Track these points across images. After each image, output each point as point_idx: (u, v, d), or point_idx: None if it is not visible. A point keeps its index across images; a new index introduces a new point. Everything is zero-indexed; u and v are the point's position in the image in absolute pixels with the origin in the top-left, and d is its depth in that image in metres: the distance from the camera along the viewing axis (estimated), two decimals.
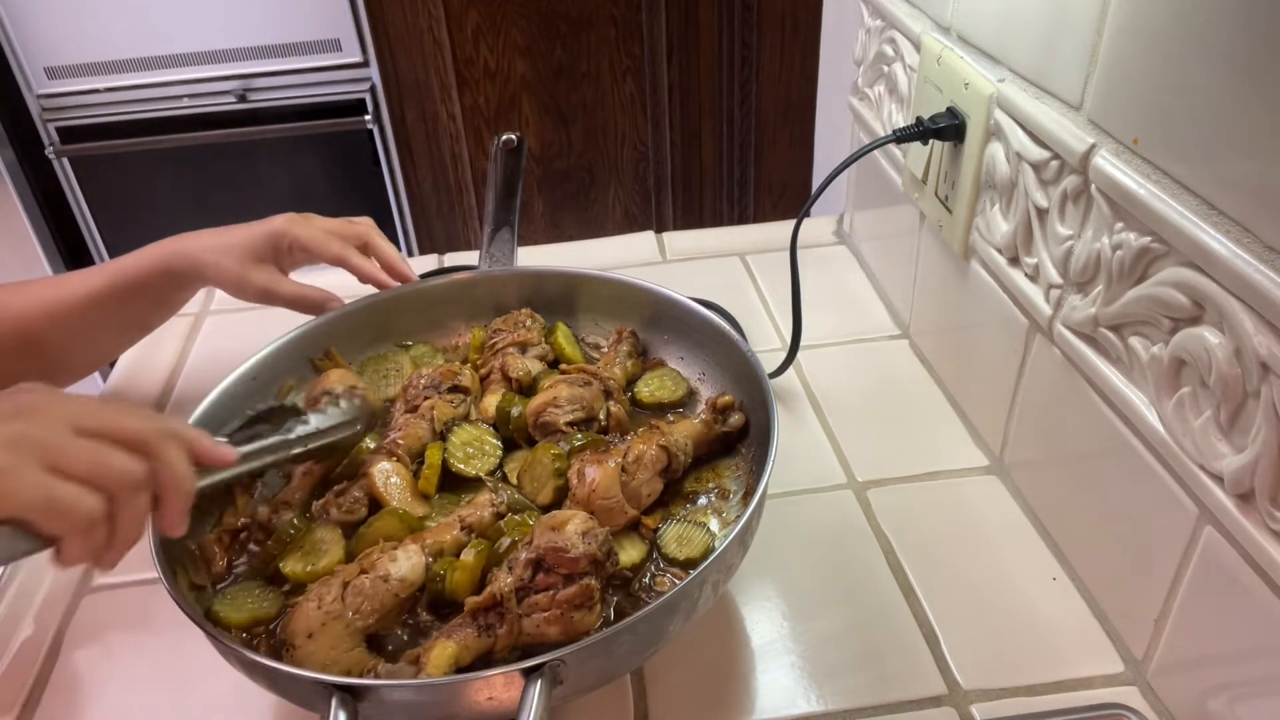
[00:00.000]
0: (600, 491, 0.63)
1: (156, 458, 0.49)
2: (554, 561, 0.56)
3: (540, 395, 0.71)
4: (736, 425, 0.71)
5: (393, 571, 0.57)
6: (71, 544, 0.46)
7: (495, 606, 0.55)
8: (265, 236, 0.79)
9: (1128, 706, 0.59)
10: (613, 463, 0.64)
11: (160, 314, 0.83)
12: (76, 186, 2.06)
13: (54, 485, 0.45)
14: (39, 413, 0.47)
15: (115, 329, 0.81)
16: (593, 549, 0.56)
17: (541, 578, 0.56)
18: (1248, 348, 0.47)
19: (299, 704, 0.55)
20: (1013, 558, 0.72)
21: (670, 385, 0.77)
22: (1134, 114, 0.55)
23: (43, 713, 0.64)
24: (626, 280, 0.81)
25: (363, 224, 0.84)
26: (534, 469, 0.67)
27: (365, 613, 0.56)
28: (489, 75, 2.11)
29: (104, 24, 1.90)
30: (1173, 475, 0.55)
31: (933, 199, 0.83)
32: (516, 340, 0.77)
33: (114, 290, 0.77)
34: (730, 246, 1.13)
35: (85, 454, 0.47)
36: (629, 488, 0.64)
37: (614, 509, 0.63)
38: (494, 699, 0.50)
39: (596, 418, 0.71)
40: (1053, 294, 0.66)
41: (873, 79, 0.97)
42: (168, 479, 0.50)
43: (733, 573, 0.61)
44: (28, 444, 0.45)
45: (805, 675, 0.64)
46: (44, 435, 0.46)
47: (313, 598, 0.56)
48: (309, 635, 0.55)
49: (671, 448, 0.66)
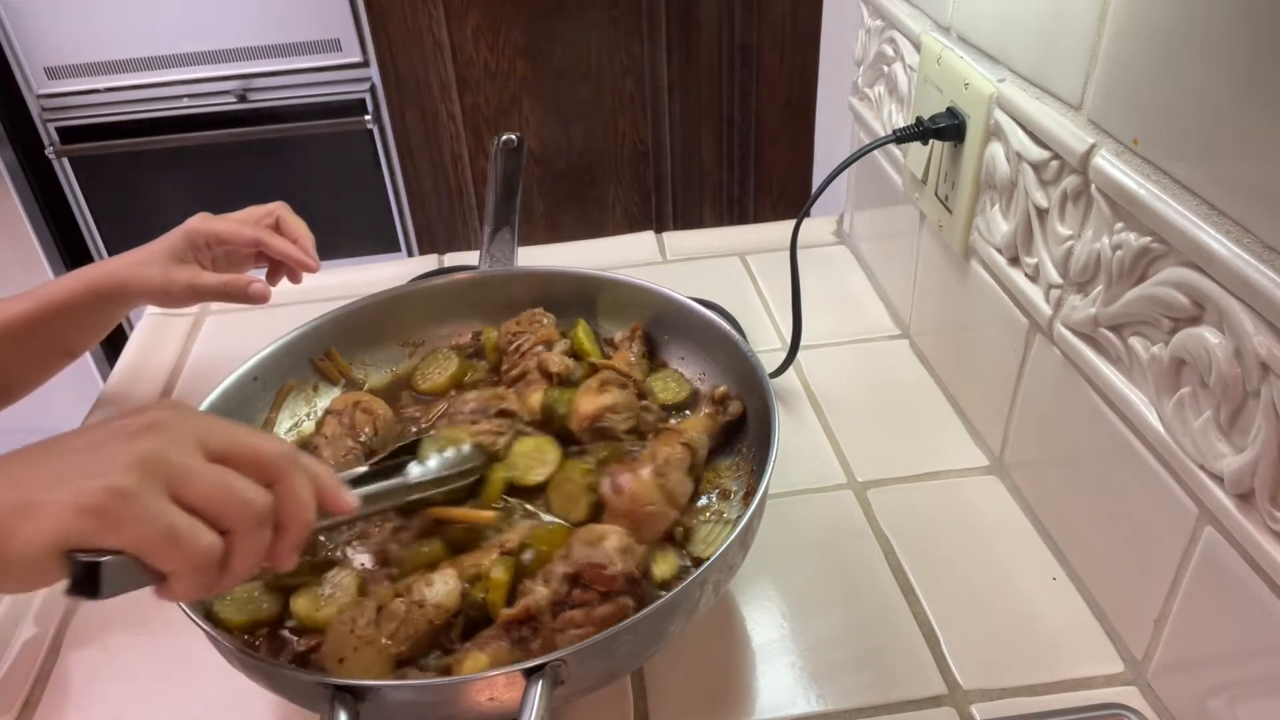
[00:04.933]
0: (643, 499, 0.62)
1: (284, 488, 0.46)
2: (591, 578, 0.55)
3: (593, 399, 0.70)
4: (736, 413, 0.71)
5: (428, 596, 0.56)
6: (180, 581, 0.43)
7: (530, 620, 0.55)
8: (181, 237, 0.81)
9: (1128, 706, 0.59)
10: (646, 469, 0.63)
11: (87, 338, 0.83)
12: (76, 186, 2.06)
13: (174, 516, 0.41)
14: (169, 429, 0.43)
15: (42, 354, 0.81)
16: (630, 567, 0.56)
17: (578, 593, 0.55)
18: (1248, 348, 0.47)
19: (300, 705, 0.55)
20: (1013, 558, 0.72)
21: (675, 386, 0.77)
22: (1134, 114, 0.55)
23: (43, 713, 0.64)
24: (629, 280, 0.81)
25: (274, 205, 0.85)
26: (564, 487, 0.66)
27: (398, 638, 0.55)
28: (489, 75, 2.11)
29: (104, 24, 1.90)
30: (1173, 475, 0.55)
31: (933, 199, 0.83)
32: (541, 339, 0.78)
33: (41, 314, 0.77)
34: (730, 246, 1.13)
35: (212, 482, 0.43)
36: (665, 490, 0.63)
37: (658, 514, 0.62)
38: (495, 699, 0.50)
39: None
40: (1053, 294, 0.66)
41: (873, 79, 0.97)
42: (291, 512, 0.46)
43: (734, 573, 0.61)
44: (155, 466, 0.41)
45: (805, 675, 0.64)
46: (173, 457, 0.42)
47: (346, 621, 0.56)
48: (340, 660, 0.54)
49: (692, 444, 0.66)
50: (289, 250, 0.83)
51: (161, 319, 1.05)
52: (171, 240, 0.81)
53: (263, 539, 0.45)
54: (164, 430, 0.43)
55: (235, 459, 0.44)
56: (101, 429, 0.43)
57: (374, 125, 2.05)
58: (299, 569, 0.61)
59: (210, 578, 0.43)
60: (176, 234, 0.81)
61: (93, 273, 0.79)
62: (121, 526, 0.40)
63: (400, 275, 0.98)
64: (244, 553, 0.44)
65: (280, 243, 0.83)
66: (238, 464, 0.44)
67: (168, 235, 0.81)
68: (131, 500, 0.40)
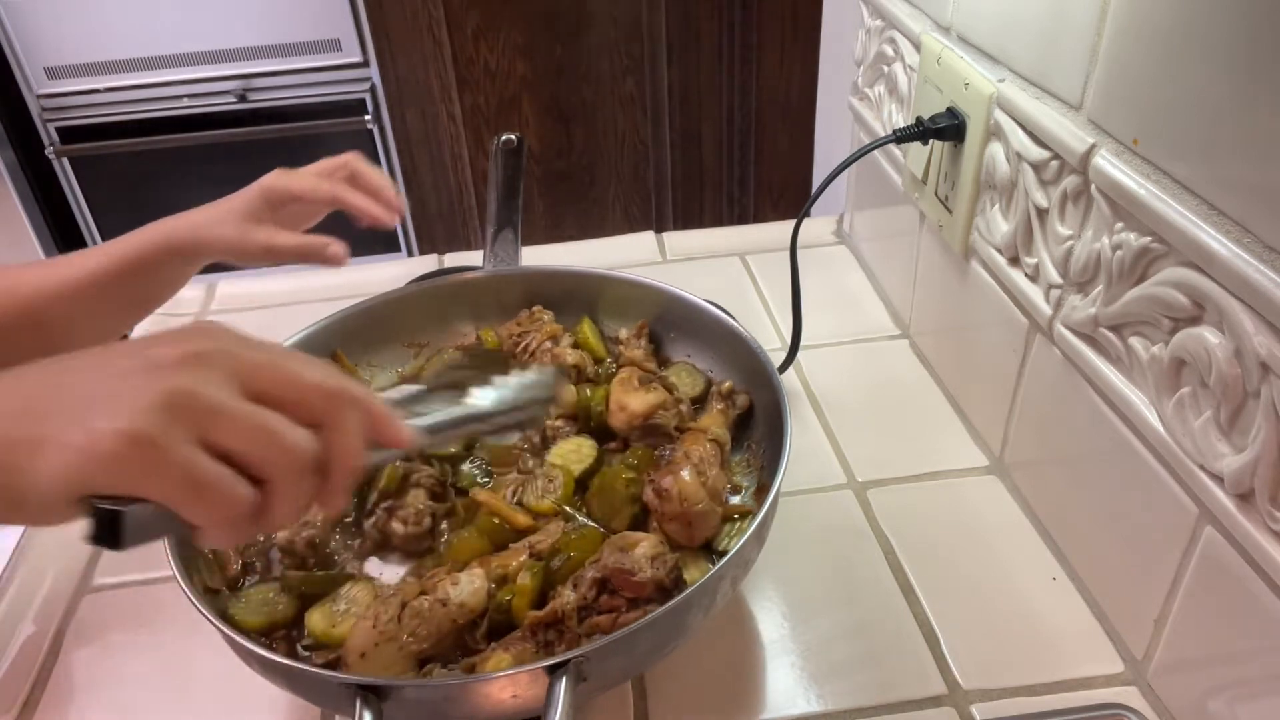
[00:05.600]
0: (691, 499, 0.62)
1: (332, 427, 0.41)
2: (619, 584, 0.55)
3: (642, 396, 0.71)
4: (745, 404, 0.72)
5: (452, 595, 0.56)
6: (212, 534, 0.39)
7: (556, 623, 0.55)
8: (258, 195, 0.79)
9: (1128, 706, 0.59)
10: (686, 470, 0.62)
11: (162, 292, 0.82)
12: (76, 186, 2.06)
13: (202, 466, 0.37)
14: (206, 363, 0.39)
15: (118, 308, 0.80)
16: (660, 574, 0.56)
17: (605, 599, 0.55)
18: (1248, 348, 0.47)
19: (323, 705, 0.54)
20: (1013, 558, 0.72)
21: (690, 380, 0.77)
22: (1134, 114, 0.55)
23: (43, 713, 0.64)
24: (634, 279, 0.81)
25: (347, 157, 0.83)
26: (606, 494, 0.66)
27: (420, 636, 0.54)
28: (489, 75, 2.11)
29: (104, 24, 1.90)
30: (1173, 475, 0.55)
31: (933, 199, 0.83)
32: (547, 335, 0.78)
33: (116, 270, 0.76)
34: (730, 246, 1.13)
35: (248, 426, 0.38)
36: (709, 487, 0.63)
37: (706, 512, 0.62)
38: (518, 696, 0.50)
39: None
40: (1053, 294, 0.66)
41: (873, 79, 0.97)
42: (339, 455, 0.41)
43: (749, 568, 0.61)
44: (186, 407, 0.37)
45: (805, 675, 0.64)
46: (206, 397, 0.38)
47: (369, 616, 0.55)
48: (361, 655, 0.54)
49: (719, 440, 0.67)
50: (369, 207, 0.80)
51: (161, 319, 1.05)
52: (247, 198, 0.78)
53: (305, 487, 0.41)
54: (200, 365, 0.39)
55: (278, 397, 0.40)
56: (132, 354, 0.39)
57: (374, 125, 2.05)
58: (319, 580, 0.60)
59: (244, 528, 0.40)
60: (252, 191, 0.79)
61: (167, 229, 0.77)
62: (142, 477, 0.36)
63: (401, 275, 0.98)
64: (283, 502, 0.40)
65: (358, 198, 0.80)
66: (280, 403, 0.40)
67: (243, 192, 0.79)
68: (154, 448, 0.36)
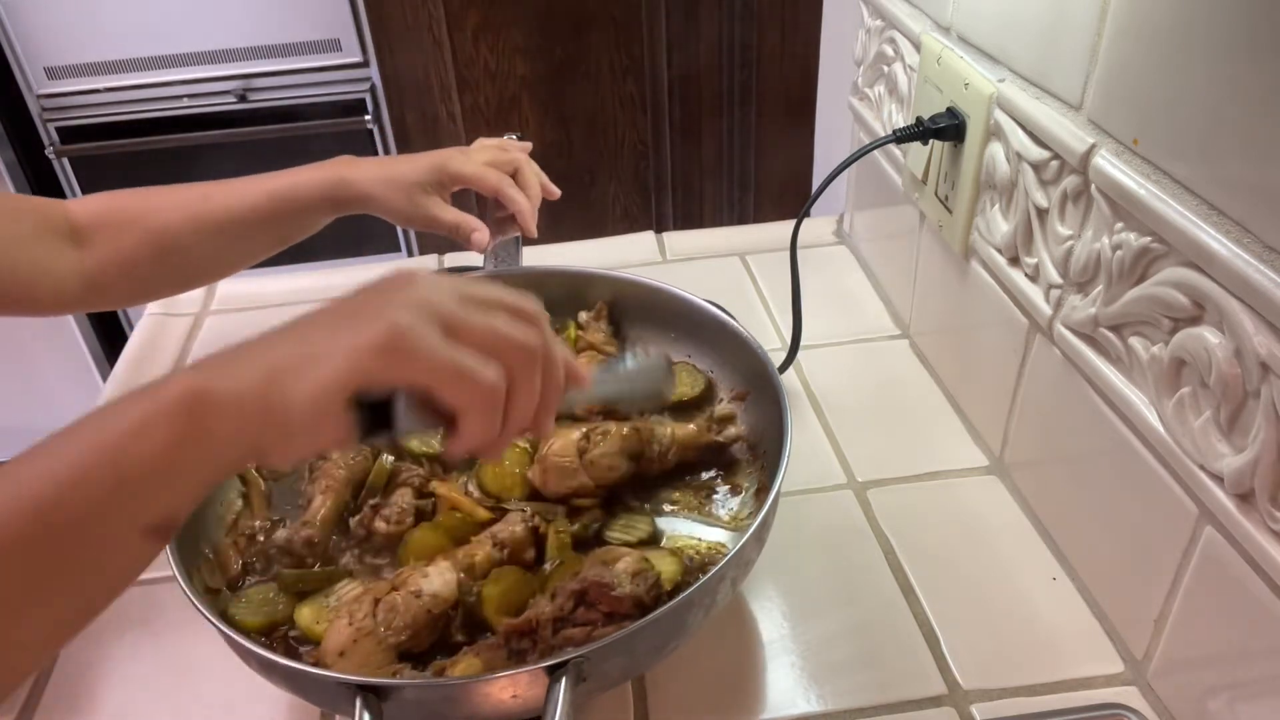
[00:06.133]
0: (556, 450, 0.66)
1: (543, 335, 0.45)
2: (596, 597, 0.55)
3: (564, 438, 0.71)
4: (731, 439, 0.71)
5: (425, 588, 0.57)
6: (472, 420, 0.42)
7: (530, 632, 0.55)
8: (432, 171, 0.80)
9: (1128, 706, 0.59)
10: (577, 432, 0.67)
11: (308, 233, 0.82)
12: (76, 186, 2.06)
13: (459, 350, 0.41)
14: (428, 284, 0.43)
15: (263, 244, 0.80)
16: (639, 591, 0.56)
17: (582, 611, 0.55)
18: (1248, 348, 0.47)
19: (322, 705, 0.54)
20: (1013, 558, 0.72)
21: (690, 380, 0.77)
22: (1134, 114, 0.55)
23: (43, 713, 0.64)
24: (634, 279, 0.81)
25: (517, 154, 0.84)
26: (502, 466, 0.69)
27: (398, 629, 0.55)
28: (489, 75, 2.11)
29: (104, 24, 1.90)
30: (1173, 475, 0.55)
31: (933, 199, 0.83)
32: None
33: (273, 210, 0.77)
34: (730, 246, 1.13)
35: (485, 324, 0.43)
36: (586, 455, 0.66)
37: (566, 469, 0.66)
38: (518, 696, 0.50)
39: None
40: (1053, 294, 0.66)
41: (873, 79, 0.97)
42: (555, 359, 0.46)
43: (750, 568, 0.62)
44: (428, 309, 0.41)
45: (805, 675, 0.64)
46: (441, 300, 0.42)
47: (344, 615, 0.56)
48: (340, 653, 0.54)
49: (645, 433, 0.67)
50: (523, 208, 0.81)
51: (161, 319, 1.05)
52: (419, 168, 0.79)
53: (537, 381, 0.44)
54: (424, 284, 0.43)
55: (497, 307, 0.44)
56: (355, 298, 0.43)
57: (374, 125, 2.05)
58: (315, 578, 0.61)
59: (496, 421, 0.43)
60: (427, 166, 0.80)
61: (333, 180, 0.78)
62: (411, 360, 0.40)
63: None
64: (522, 397, 0.44)
65: (518, 197, 0.81)
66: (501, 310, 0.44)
67: (418, 162, 0.80)
68: (416, 335, 0.40)
